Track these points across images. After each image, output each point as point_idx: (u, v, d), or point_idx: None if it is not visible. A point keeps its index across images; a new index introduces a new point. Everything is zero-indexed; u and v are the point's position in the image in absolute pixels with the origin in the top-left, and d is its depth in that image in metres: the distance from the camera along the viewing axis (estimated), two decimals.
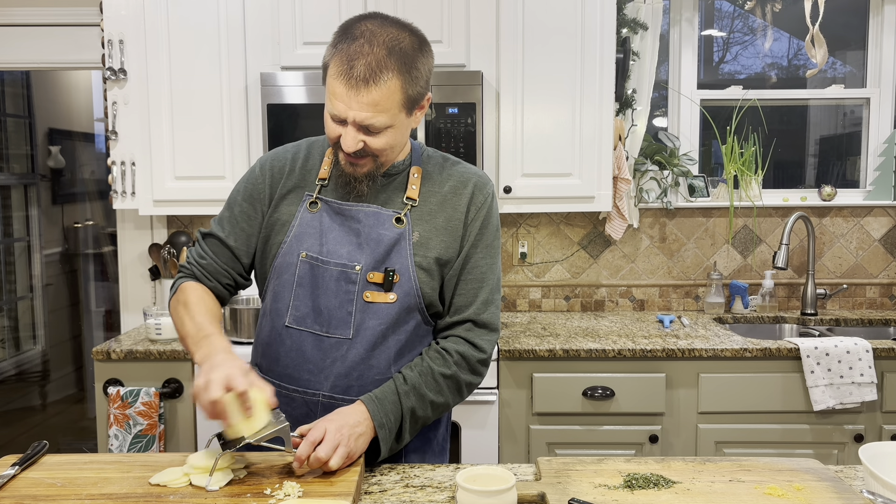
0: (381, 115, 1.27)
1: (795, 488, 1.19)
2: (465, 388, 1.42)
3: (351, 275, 1.36)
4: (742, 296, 2.97)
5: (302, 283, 1.38)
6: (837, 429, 2.41)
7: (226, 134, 2.64)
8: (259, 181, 1.46)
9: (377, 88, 1.24)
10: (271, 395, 1.20)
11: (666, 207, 3.02)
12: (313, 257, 1.38)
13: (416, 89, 1.31)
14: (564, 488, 1.19)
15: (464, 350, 1.40)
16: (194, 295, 1.40)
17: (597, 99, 2.63)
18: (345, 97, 1.26)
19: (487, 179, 1.46)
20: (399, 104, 1.28)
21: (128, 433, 2.37)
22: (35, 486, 1.20)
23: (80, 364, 5.02)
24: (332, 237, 1.38)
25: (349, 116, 1.27)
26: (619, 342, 2.46)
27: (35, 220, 4.72)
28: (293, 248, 1.40)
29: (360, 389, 1.37)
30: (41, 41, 3.04)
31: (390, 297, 1.36)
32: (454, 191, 1.43)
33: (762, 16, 3.18)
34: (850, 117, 3.22)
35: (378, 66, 1.24)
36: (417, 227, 1.39)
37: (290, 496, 1.14)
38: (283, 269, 1.40)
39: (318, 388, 1.38)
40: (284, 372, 1.41)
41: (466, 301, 1.41)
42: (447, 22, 2.62)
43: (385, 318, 1.37)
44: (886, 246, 3.07)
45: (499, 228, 1.47)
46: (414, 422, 1.36)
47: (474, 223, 1.42)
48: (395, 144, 1.34)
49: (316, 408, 1.38)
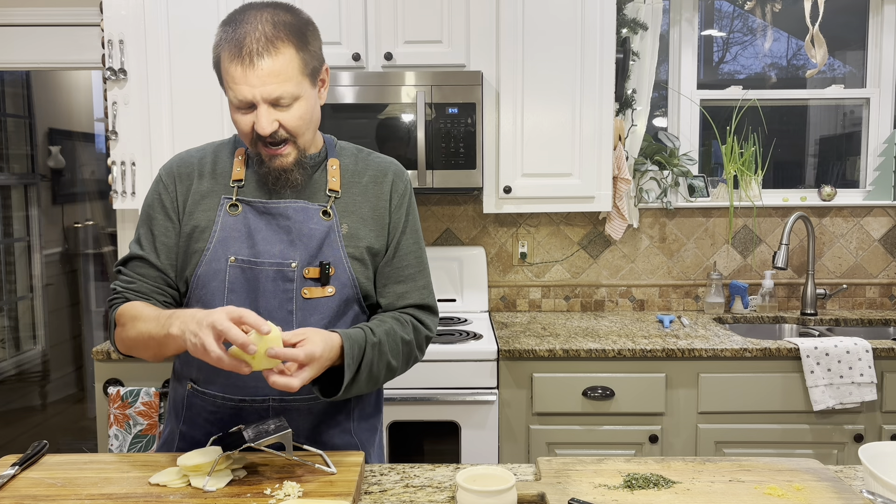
0: (286, 84, 1.26)
1: (795, 488, 1.19)
2: (412, 360, 1.42)
3: (287, 273, 1.34)
4: (742, 296, 2.97)
5: (234, 288, 1.34)
6: (837, 429, 2.41)
7: (226, 134, 2.64)
8: (167, 189, 1.41)
9: (273, 58, 1.24)
10: (263, 322, 1.14)
11: (666, 207, 3.02)
12: (244, 260, 1.34)
13: (312, 56, 1.30)
14: (564, 488, 1.19)
15: (417, 325, 1.42)
16: (138, 305, 1.33)
17: (597, 99, 2.63)
18: (244, 77, 1.25)
19: (402, 167, 1.49)
20: (299, 71, 1.27)
21: (128, 433, 2.37)
22: (35, 486, 1.20)
23: (80, 364, 5.02)
24: (261, 237, 1.35)
25: (255, 95, 1.25)
26: (618, 342, 2.46)
27: (35, 220, 4.72)
28: (218, 253, 1.35)
29: (309, 387, 1.32)
30: (41, 41, 3.04)
31: (328, 291, 1.35)
32: (374, 180, 1.44)
33: (762, 16, 3.18)
34: (849, 117, 3.23)
35: (268, 38, 1.25)
36: (345, 220, 1.39)
37: (290, 496, 1.14)
38: (210, 277, 1.35)
39: (266, 393, 1.35)
40: (227, 382, 1.36)
41: (408, 288, 1.43)
42: (447, 22, 2.62)
43: (326, 312, 1.36)
44: (886, 246, 3.07)
45: (418, 212, 1.50)
46: (368, 377, 1.31)
47: (399, 210, 1.44)
48: (308, 120, 1.32)
49: (267, 413, 1.36)
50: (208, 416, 1.39)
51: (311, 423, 1.40)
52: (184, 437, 1.42)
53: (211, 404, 1.38)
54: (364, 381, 1.30)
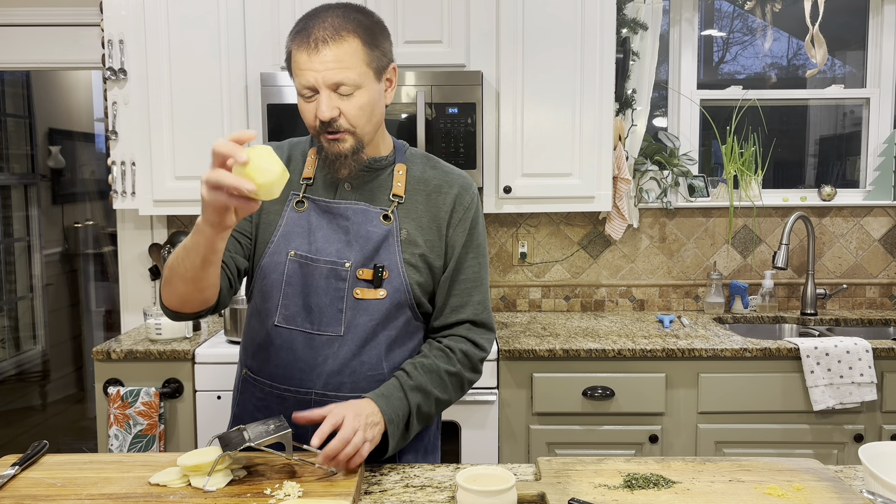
0: (348, 71, 1.28)
1: (795, 488, 1.19)
2: (466, 385, 1.44)
3: (341, 272, 1.37)
4: (742, 296, 2.97)
5: (291, 281, 1.38)
6: (837, 429, 2.41)
7: (226, 134, 2.64)
8: None
9: (337, 45, 1.27)
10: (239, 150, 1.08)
11: (666, 207, 3.02)
12: (302, 256, 1.38)
13: (380, 53, 1.33)
14: (564, 488, 1.19)
15: (466, 349, 1.42)
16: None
17: (597, 99, 2.63)
18: (309, 62, 1.28)
19: (471, 181, 1.49)
20: (363, 62, 1.29)
21: (128, 433, 2.37)
22: (35, 486, 1.20)
23: (80, 364, 5.02)
24: (320, 235, 1.38)
25: (318, 80, 1.28)
26: (618, 342, 2.46)
27: (35, 220, 4.72)
28: (281, 247, 1.39)
29: (353, 386, 1.38)
30: (41, 41, 3.04)
31: (380, 294, 1.37)
32: (439, 190, 1.44)
33: (762, 16, 3.18)
34: (849, 117, 3.22)
35: (335, 28, 1.28)
36: (405, 225, 1.40)
37: (290, 496, 1.14)
38: (271, 269, 1.40)
39: (310, 386, 1.39)
40: (276, 371, 1.41)
41: (462, 301, 1.43)
42: (447, 22, 2.62)
43: (375, 314, 1.37)
44: (886, 246, 3.07)
45: (485, 229, 1.50)
46: (419, 417, 1.36)
47: (462, 224, 1.43)
48: (369, 113, 1.33)
49: (308, 406, 1.38)
50: (257, 402, 1.44)
51: None
52: (238, 420, 1.48)
53: (260, 391, 1.44)
54: (415, 423, 1.36)
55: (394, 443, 1.31)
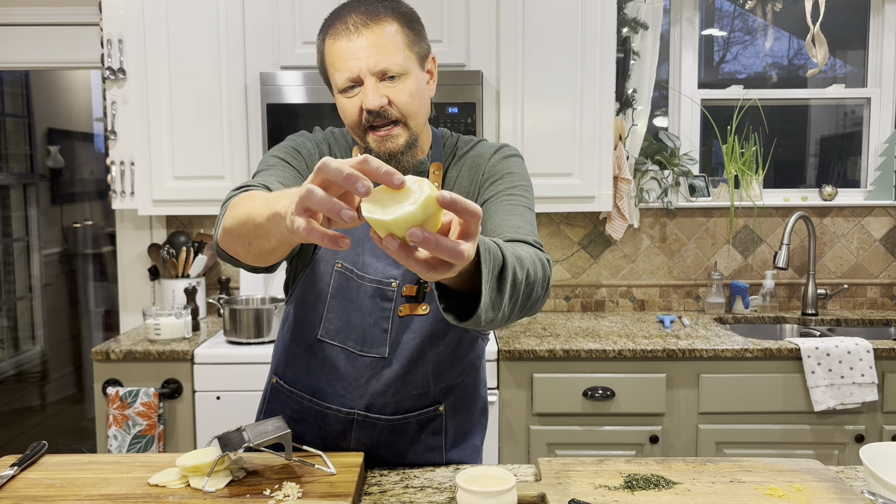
0: (393, 56, 1.18)
1: (796, 489, 1.19)
2: (542, 275, 1.05)
3: (387, 292, 1.28)
4: (743, 296, 2.96)
5: (337, 295, 1.29)
6: (838, 429, 2.41)
7: (225, 134, 2.64)
8: (311, 150, 1.30)
9: (379, 28, 1.18)
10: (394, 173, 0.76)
11: (666, 207, 3.01)
12: (349, 269, 1.29)
13: (419, 38, 1.23)
14: (565, 489, 1.19)
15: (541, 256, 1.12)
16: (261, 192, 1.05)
17: (597, 98, 2.63)
18: (349, 51, 1.18)
19: (508, 145, 1.37)
20: (406, 45, 1.20)
21: (127, 433, 2.37)
22: (34, 487, 1.19)
23: (79, 364, 5.01)
24: (368, 248, 1.29)
25: (361, 67, 1.17)
26: (619, 342, 2.46)
27: (34, 219, 4.72)
28: (328, 255, 1.30)
29: (398, 406, 1.32)
30: (41, 41, 3.03)
31: (422, 309, 1.28)
32: (472, 164, 1.32)
33: (763, 15, 3.18)
34: (850, 117, 3.22)
35: (370, 13, 1.19)
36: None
37: (289, 497, 1.14)
38: (317, 278, 1.30)
39: (352, 405, 1.32)
40: (315, 385, 1.34)
41: (521, 223, 1.19)
42: (447, 22, 2.62)
43: (420, 331, 1.29)
44: (887, 246, 3.07)
45: (527, 172, 1.34)
46: (513, 280, 0.94)
47: (497, 166, 1.29)
48: (420, 101, 1.22)
49: (351, 426, 1.33)
50: (292, 413, 1.37)
51: (396, 442, 1.35)
52: None
53: (297, 404, 1.37)
54: (510, 278, 0.93)
55: (487, 286, 0.88)
